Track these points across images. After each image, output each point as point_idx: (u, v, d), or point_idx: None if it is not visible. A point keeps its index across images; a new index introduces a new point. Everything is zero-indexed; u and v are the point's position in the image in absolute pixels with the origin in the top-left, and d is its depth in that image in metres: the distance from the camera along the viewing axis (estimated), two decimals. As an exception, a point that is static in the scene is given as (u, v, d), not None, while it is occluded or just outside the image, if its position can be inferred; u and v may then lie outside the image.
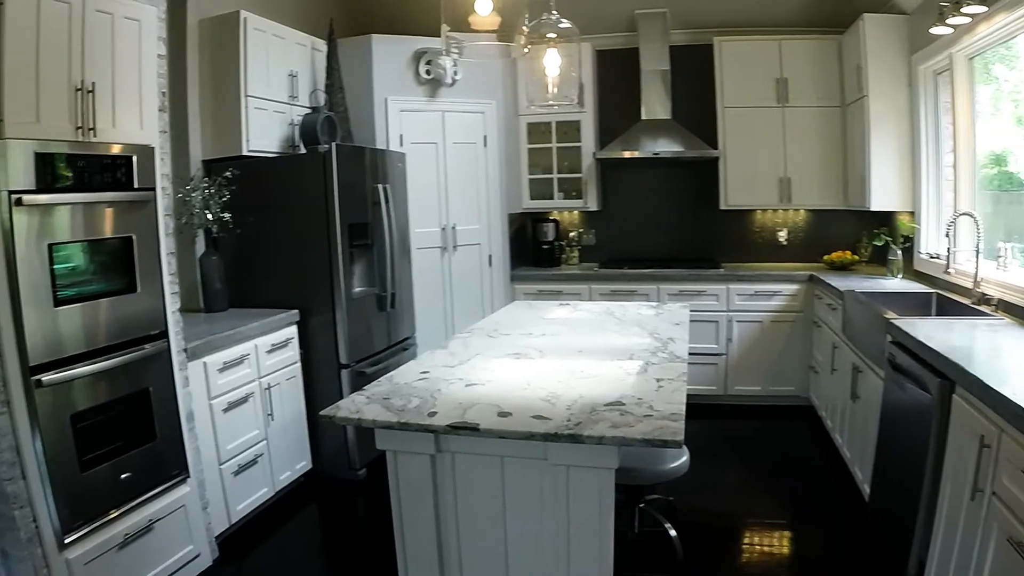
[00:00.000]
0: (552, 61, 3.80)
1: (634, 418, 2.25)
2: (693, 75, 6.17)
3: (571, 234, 6.81)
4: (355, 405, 2.59)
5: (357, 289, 4.93)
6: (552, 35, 3.61)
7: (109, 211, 3.26)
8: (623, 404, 2.40)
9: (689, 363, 5.66)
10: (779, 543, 3.89)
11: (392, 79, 5.63)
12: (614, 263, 6.43)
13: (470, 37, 3.24)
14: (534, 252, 6.74)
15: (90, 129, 3.13)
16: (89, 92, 3.10)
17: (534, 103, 3.94)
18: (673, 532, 3.28)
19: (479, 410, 2.42)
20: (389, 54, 5.58)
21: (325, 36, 5.34)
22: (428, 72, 5.65)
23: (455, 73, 5.73)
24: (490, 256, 6.19)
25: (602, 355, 3.15)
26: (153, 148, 3.50)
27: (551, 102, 3.91)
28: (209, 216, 4.58)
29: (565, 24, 3.61)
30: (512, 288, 6.32)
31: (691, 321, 5.69)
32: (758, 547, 3.84)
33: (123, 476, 3.31)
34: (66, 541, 3.00)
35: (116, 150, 3.28)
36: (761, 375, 5.88)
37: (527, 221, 6.82)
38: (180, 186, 4.59)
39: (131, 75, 3.33)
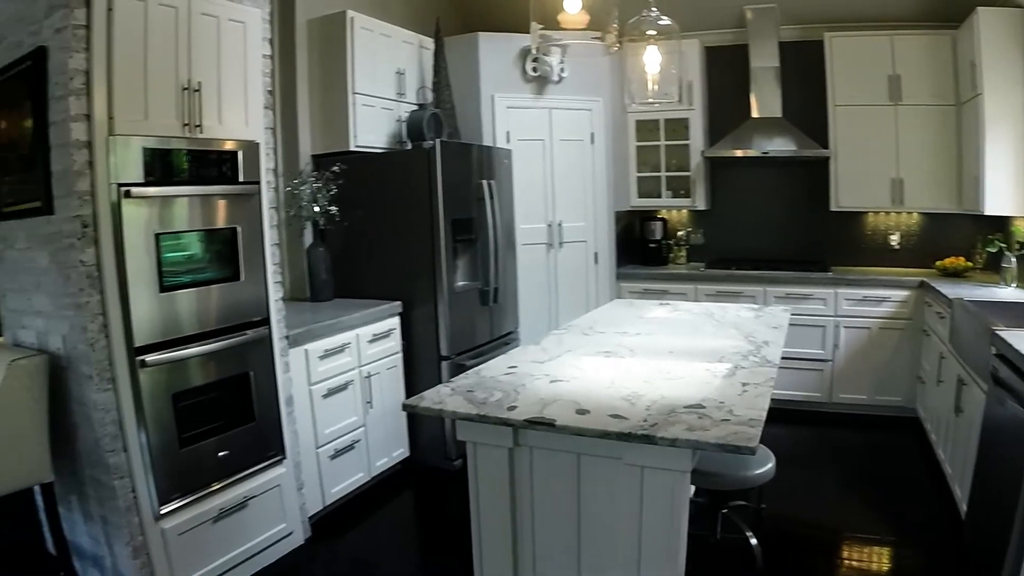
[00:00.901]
0: (652, 58, 3.78)
1: (711, 422, 2.23)
2: (803, 72, 6.00)
3: (679, 233, 6.74)
4: (439, 396, 2.69)
5: (460, 283, 5.05)
6: (652, 32, 3.61)
7: (215, 203, 3.48)
8: (703, 407, 2.37)
9: (793, 369, 5.62)
10: (868, 558, 3.75)
11: (499, 76, 5.71)
12: (721, 263, 6.33)
13: (571, 35, 3.26)
14: (641, 250, 6.72)
15: (196, 126, 3.35)
16: (195, 91, 3.32)
17: (634, 101, 3.92)
18: (754, 540, 3.23)
19: (558, 406, 2.44)
20: (495, 52, 5.68)
21: (432, 35, 5.48)
22: (534, 69, 5.71)
23: (561, 70, 5.77)
24: (596, 253, 6.20)
25: (692, 356, 3.13)
26: (258, 143, 3.70)
27: (651, 100, 3.88)
28: (316, 209, 4.80)
29: (665, 21, 3.60)
30: (618, 286, 6.33)
31: (797, 325, 5.57)
32: (845, 561, 3.72)
33: (221, 454, 3.52)
34: (162, 512, 3.23)
35: (222, 146, 3.50)
36: (867, 383, 5.66)
37: (635, 219, 6.80)
38: (290, 180, 4.85)
39: (236, 74, 3.54)
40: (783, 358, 5.57)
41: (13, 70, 3.18)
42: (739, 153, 5.92)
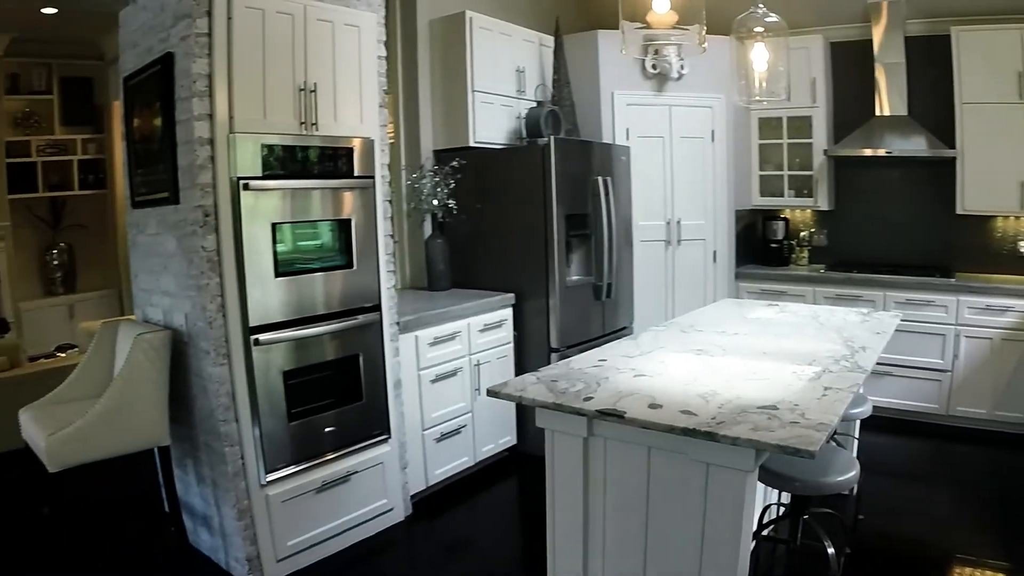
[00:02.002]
0: (760, 56, 3.74)
1: (779, 423, 2.23)
2: (929, 68, 5.70)
3: (801, 233, 6.58)
4: (522, 383, 2.83)
5: (573, 277, 5.16)
6: (759, 29, 3.61)
7: (329, 196, 3.74)
8: (776, 408, 2.37)
9: (909, 378, 5.43)
10: (966, 581, 3.62)
11: (618, 73, 5.75)
12: (843, 266, 6.15)
13: (660, 34, 3.30)
14: (763, 250, 6.60)
15: (312, 124, 3.62)
16: (312, 91, 3.59)
17: (742, 99, 3.92)
18: (831, 549, 3.19)
19: (633, 400, 2.51)
20: (615, 49, 5.69)
21: (552, 32, 5.60)
22: (654, 66, 5.72)
23: (681, 67, 5.76)
24: (715, 252, 6.16)
25: (783, 358, 3.12)
26: (373, 140, 3.94)
27: (758, 98, 3.86)
28: (436, 202, 5.03)
29: (773, 18, 3.59)
30: (736, 286, 6.26)
31: (916, 333, 5.45)
32: (941, 581, 3.60)
33: (327, 429, 3.79)
34: (267, 479, 3.52)
35: (337, 142, 3.76)
36: (987, 397, 5.34)
37: (758, 219, 6.69)
38: (411, 174, 5.11)
39: (351, 75, 3.79)
40: (897, 366, 5.51)
41: (145, 73, 3.57)
42: (867, 152, 5.72)
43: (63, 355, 6.49)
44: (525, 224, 5.00)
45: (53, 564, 3.80)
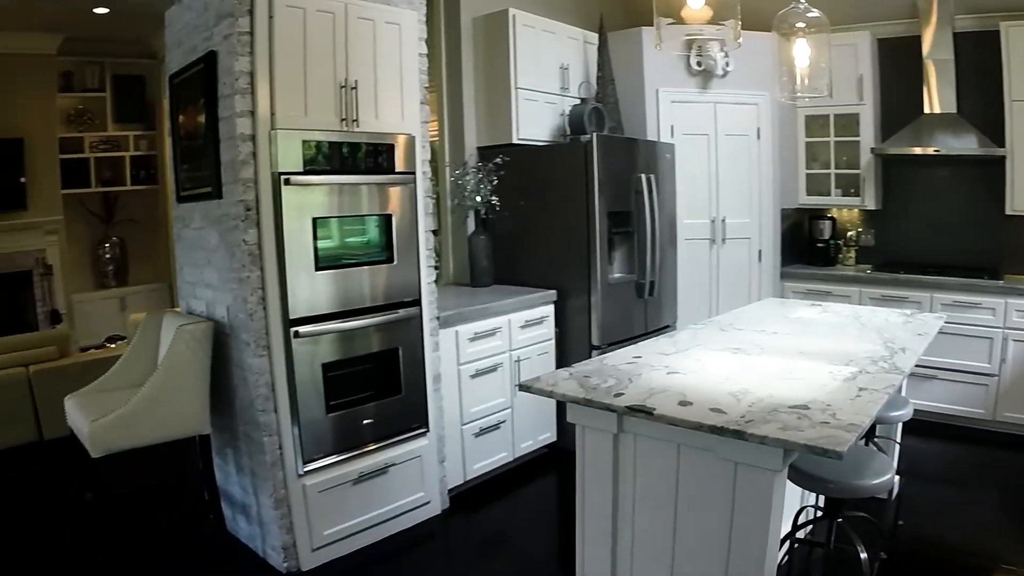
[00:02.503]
0: (801, 52, 3.74)
1: (809, 423, 2.22)
2: (977, 65, 5.60)
3: (848, 233, 6.52)
4: (554, 378, 2.89)
5: (616, 275, 5.21)
6: (801, 25, 3.60)
7: (370, 191, 3.84)
8: (807, 408, 2.37)
9: (954, 382, 5.38)
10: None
11: (663, 70, 5.77)
12: (889, 267, 6.08)
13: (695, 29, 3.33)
14: (809, 250, 6.56)
15: (353, 120, 3.72)
16: (352, 89, 3.69)
17: (783, 95, 3.92)
18: (864, 554, 3.19)
19: (664, 397, 2.53)
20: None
21: (596, 29, 5.64)
22: (699, 63, 5.73)
23: (726, 64, 5.76)
24: (760, 251, 6.14)
25: (820, 358, 3.12)
26: (414, 137, 4.03)
27: (800, 94, 3.85)
28: (479, 199, 5.11)
29: (814, 13, 3.58)
30: (781, 285, 6.23)
31: (962, 336, 5.39)
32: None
33: (365, 422, 3.89)
34: (305, 470, 3.63)
35: (378, 139, 3.85)
36: None
37: (804, 217, 6.65)
38: (455, 171, 5.20)
39: (392, 72, 3.88)
40: (943, 369, 5.48)
41: (190, 71, 3.71)
42: (916, 151, 5.66)
43: (112, 346, 6.72)
44: (567, 221, 5.05)
45: (95, 547, 3.97)
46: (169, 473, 4.44)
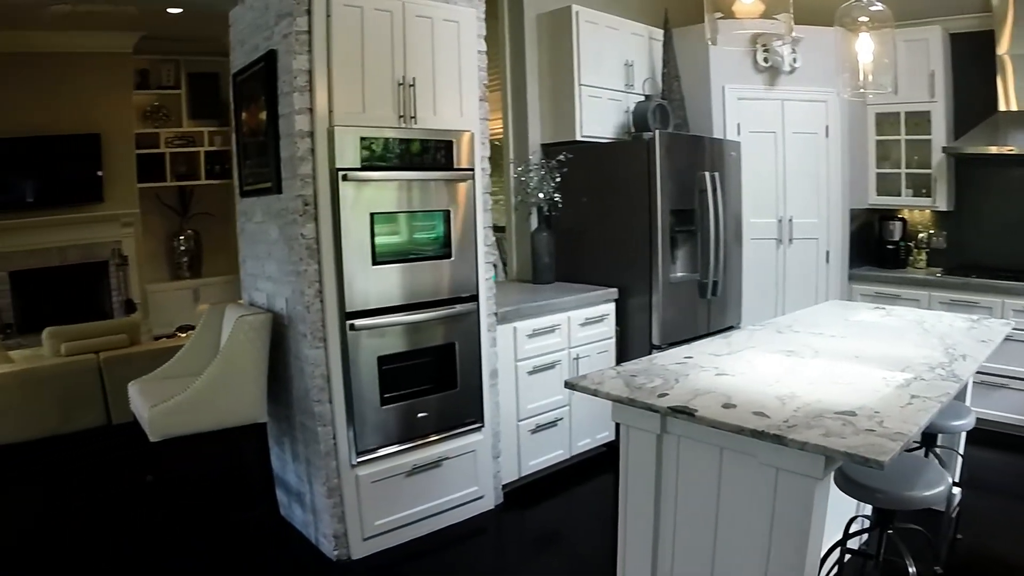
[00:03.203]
0: (864, 47, 3.70)
1: (853, 430, 2.19)
2: None
3: (919, 235, 6.39)
4: (600, 377, 2.95)
5: (678, 274, 5.23)
6: (864, 19, 3.58)
7: (427, 187, 3.95)
8: (854, 415, 2.34)
9: (1020, 390, 5.19)
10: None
11: (729, 67, 5.76)
12: (961, 270, 5.93)
13: (748, 23, 3.35)
14: (878, 252, 6.45)
15: (411, 117, 3.84)
16: (410, 86, 3.81)
17: (845, 92, 3.91)
18: (912, 568, 3.13)
19: (708, 398, 2.54)
20: (727, 41, 5.73)
21: (661, 25, 5.67)
22: (765, 60, 5.70)
23: (793, 60, 5.71)
24: (827, 252, 6.08)
25: (875, 363, 3.08)
26: (472, 133, 4.13)
27: (862, 91, 3.82)
28: (542, 196, 5.20)
29: (878, 7, 3.55)
30: (849, 287, 6.15)
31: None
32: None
33: (420, 415, 4.01)
34: (358, 460, 3.77)
35: (436, 135, 3.96)
36: None
37: (874, 218, 6.54)
38: (519, 167, 5.30)
39: (451, 70, 3.99)
40: (1013, 378, 5.30)
41: (252, 69, 3.89)
42: (992, 150, 5.51)
43: (183, 335, 7.00)
44: (629, 219, 5.10)
45: (152, 528, 4.21)
46: (227, 459, 4.64)
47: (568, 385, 2.92)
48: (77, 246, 9.23)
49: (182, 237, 10.45)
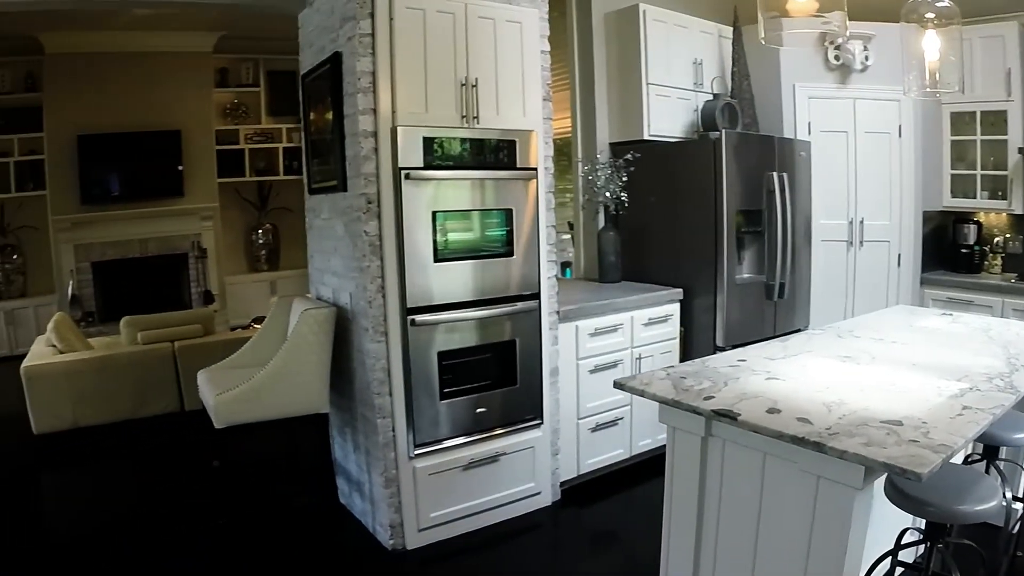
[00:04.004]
0: (930, 45, 3.68)
1: (896, 440, 2.18)
2: None
3: (995, 239, 6.24)
4: (649, 378, 3.00)
5: (744, 275, 5.24)
6: (930, 16, 3.56)
7: (490, 186, 4.06)
8: (900, 424, 2.32)
9: None
10: None
11: (800, 65, 5.73)
12: (1035, 276, 5.82)
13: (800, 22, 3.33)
14: (952, 256, 6.31)
15: (474, 117, 3.95)
16: (473, 86, 3.92)
17: (910, 90, 3.86)
18: (960, 585, 3.06)
19: (754, 402, 2.56)
20: (797, 39, 5.69)
21: (731, 23, 5.68)
22: (836, 58, 5.65)
23: (865, 58, 5.65)
24: (899, 255, 6.00)
25: (932, 371, 3.04)
26: (536, 133, 4.22)
27: (928, 90, 3.80)
28: (608, 194, 5.28)
29: (944, 3, 3.52)
30: (921, 292, 6.04)
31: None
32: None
33: (479, 410, 4.13)
34: (416, 452, 3.92)
35: (498, 135, 4.07)
36: None
37: (948, 221, 6.41)
38: (587, 166, 5.38)
39: (513, 70, 4.09)
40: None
41: (319, 71, 4.06)
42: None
43: (258, 326, 7.27)
44: (695, 219, 5.13)
45: (216, 510, 4.46)
46: (290, 448, 4.86)
47: (617, 385, 2.98)
48: (157, 238, 9.69)
49: (260, 231, 10.83)
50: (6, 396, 6.74)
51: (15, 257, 9.44)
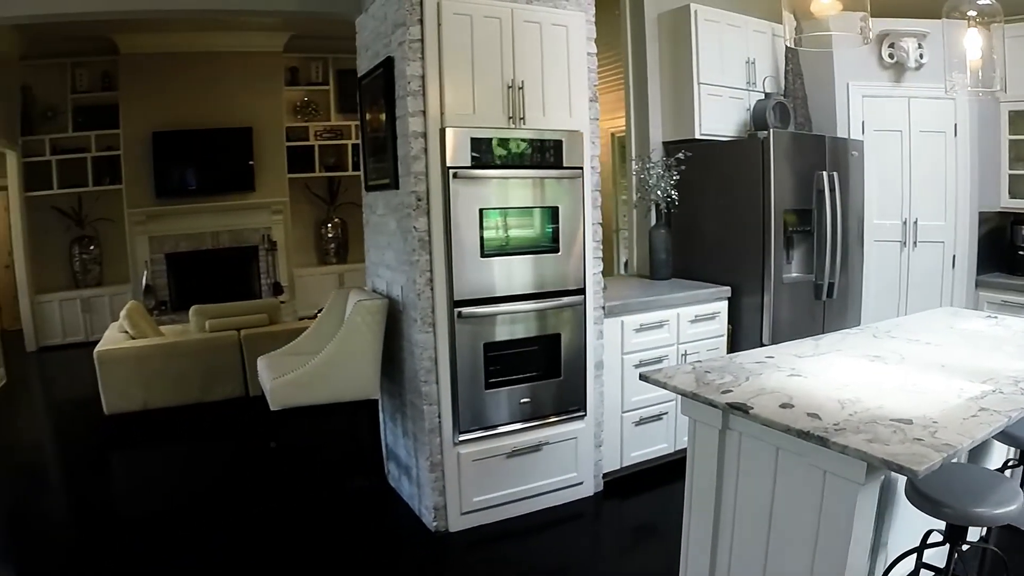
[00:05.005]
0: (972, 43, 3.69)
1: (902, 438, 2.21)
2: None
3: None
4: (673, 371, 3.12)
5: (793, 274, 5.29)
6: (972, 13, 3.58)
7: (536, 185, 4.24)
8: (910, 423, 2.34)
9: None
10: None
11: (853, 63, 5.75)
12: (1092, 279, 5.73)
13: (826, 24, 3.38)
14: (1009, 257, 6.24)
15: (520, 119, 4.13)
16: (519, 88, 4.10)
17: (953, 89, 3.86)
18: (975, 589, 3.08)
19: (769, 397, 2.62)
20: (851, 38, 5.70)
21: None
22: (891, 56, 5.65)
23: (920, 56, 5.64)
24: (954, 256, 5.97)
25: (959, 373, 3.02)
26: (581, 133, 4.37)
27: (970, 88, 3.81)
28: (659, 193, 5.41)
29: (986, 1, 3.55)
30: (975, 295, 5.96)
31: None
32: None
33: (522, 401, 4.31)
34: (460, 439, 4.12)
35: (544, 136, 4.23)
36: None
37: (1006, 222, 6.33)
38: (640, 164, 5.52)
39: (559, 72, 4.24)
40: None
41: (373, 74, 4.30)
42: None
43: (323, 317, 7.62)
44: (743, 218, 5.21)
45: (272, 488, 4.78)
46: (342, 431, 5.14)
47: (642, 377, 3.10)
48: (229, 231, 10.13)
49: (329, 225, 11.18)
50: (80, 379, 7.26)
51: (92, 248, 10.02)
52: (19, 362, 9.02)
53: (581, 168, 4.39)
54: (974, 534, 3.27)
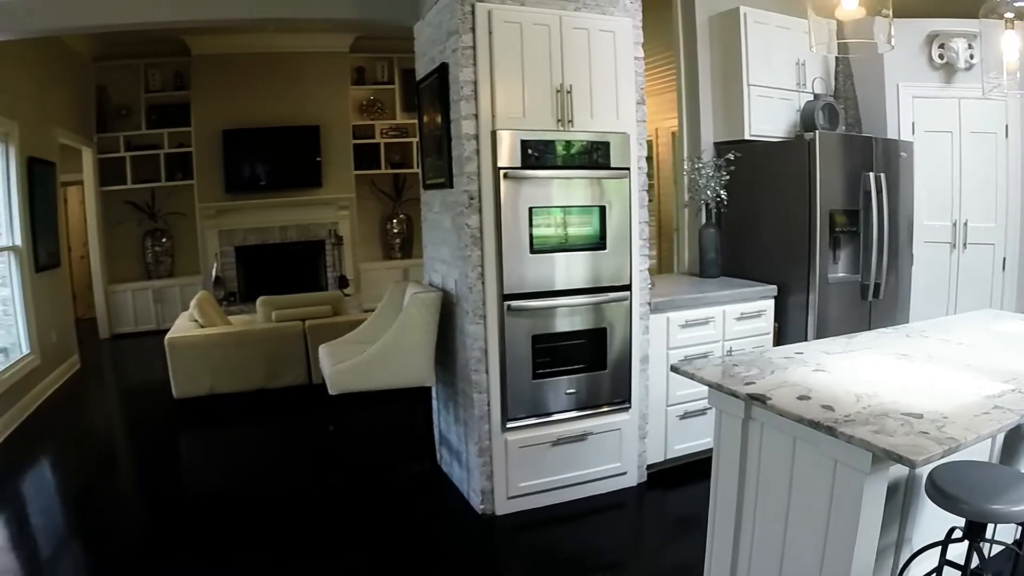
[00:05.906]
0: (1010, 44, 3.70)
1: (908, 431, 2.27)
2: None
3: None
4: (704, 363, 3.27)
5: (839, 274, 5.36)
6: (1010, 15, 3.61)
7: (584, 185, 4.41)
8: (920, 417, 2.40)
9: None
10: None
11: (903, 64, 5.79)
12: None
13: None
14: None
15: (569, 121, 4.31)
16: (568, 92, 4.28)
17: (986, 89, 3.88)
18: (991, 583, 3.07)
19: (789, 390, 2.73)
20: (900, 38, 5.68)
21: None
22: (941, 56, 5.68)
23: (970, 56, 5.65)
24: (1004, 259, 5.97)
25: (983, 373, 2.99)
26: (628, 135, 4.53)
27: (1007, 89, 3.82)
28: (709, 193, 5.54)
29: (1022, 2, 3.56)
30: (1026, 298, 6.05)
31: None
32: None
33: (568, 391, 4.50)
34: (508, 426, 4.33)
35: (592, 137, 4.40)
36: None
37: None
38: (691, 165, 5.67)
39: (607, 76, 4.41)
40: None
41: (430, 79, 4.54)
42: None
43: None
44: (790, 218, 5.30)
45: (329, 468, 5.08)
46: (399, 417, 5.41)
47: (673, 369, 3.26)
48: (297, 225, 10.52)
49: (395, 220, 11.49)
50: (152, 365, 7.69)
51: (164, 240, 10.53)
52: (93, 348, 9.57)
53: (628, 169, 4.54)
54: (1007, 535, 3.33)
